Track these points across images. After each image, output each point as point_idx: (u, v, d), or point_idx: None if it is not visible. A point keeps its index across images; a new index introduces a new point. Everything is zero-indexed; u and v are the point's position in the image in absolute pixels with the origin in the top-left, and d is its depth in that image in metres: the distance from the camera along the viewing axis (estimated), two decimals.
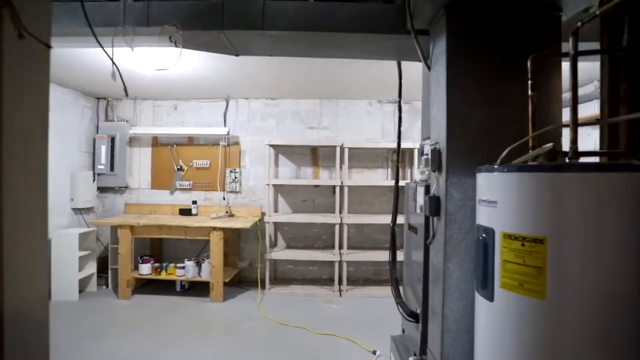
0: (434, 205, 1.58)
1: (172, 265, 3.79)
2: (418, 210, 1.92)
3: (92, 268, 3.94)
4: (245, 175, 4.28)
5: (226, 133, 4.04)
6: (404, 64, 2.21)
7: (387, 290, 4.04)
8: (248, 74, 3.45)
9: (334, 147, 3.87)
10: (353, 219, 3.84)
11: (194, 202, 4.14)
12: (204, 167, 4.26)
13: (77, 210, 4.07)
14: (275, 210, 4.26)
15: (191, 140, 4.30)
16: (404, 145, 3.94)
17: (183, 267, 3.74)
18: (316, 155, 4.27)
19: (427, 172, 1.90)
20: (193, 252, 4.31)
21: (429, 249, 1.70)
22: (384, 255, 3.91)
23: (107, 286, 4.03)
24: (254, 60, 3.10)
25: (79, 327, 3.04)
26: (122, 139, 4.26)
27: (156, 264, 3.79)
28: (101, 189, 4.38)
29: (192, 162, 4.27)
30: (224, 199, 4.25)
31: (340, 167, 3.93)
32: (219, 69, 3.24)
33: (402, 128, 2.34)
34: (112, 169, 4.26)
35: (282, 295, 3.87)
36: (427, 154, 1.63)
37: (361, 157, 4.25)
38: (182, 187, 4.27)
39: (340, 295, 3.85)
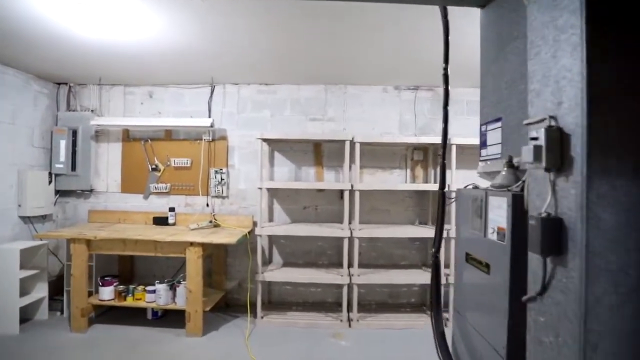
0: (552, 234, 0.83)
1: (140, 288, 3.04)
2: (490, 235, 1.18)
3: (42, 291, 3.19)
4: (234, 176, 3.54)
5: (209, 125, 3.30)
6: (420, 35, 1.48)
7: (408, 320, 3.27)
8: (237, 52, 2.72)
9: (342, 142, 3.12)
10: (366, 231, 3.09)
11: (172, 210, 3.40)
12: (184, 167, 3.51)
13: (27, 219, 3.32)
14: (270, 220, 3.51)
15: (169, 134, 3.56)
16: (427, 140, 3.22)
17: (154, 291, 2.99)
18: (320, 153, 3.53)
19: (504, 172, 1.16)
20: (172, 269, 3.56)
21: (530, 310, 0.95)
22: (402, 276, 3.17)
23: (62, 313, 3.28)
24: (244, 34, 2.39)
25: None
26: (86, 132, 3.52)
27: (121, 287, 3.04)
28: (61, 193, 3.64)
29: (169, 161, 3.52)
30: (207, 205, 3.50)
31: (350, 167, 3.18)
32: (202, 44, 2.51)
33: (423, 120, 1.62)
34: (73, 168, 3.52)
35: (277, 326, 3.11)
36: (536, 139, 0.87)
37: (374, 155, 3.50)
38: (158, 191, 3.53)
39: (350, 325, 3.10)
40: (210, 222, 3.29)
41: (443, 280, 3.04)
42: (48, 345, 2.71)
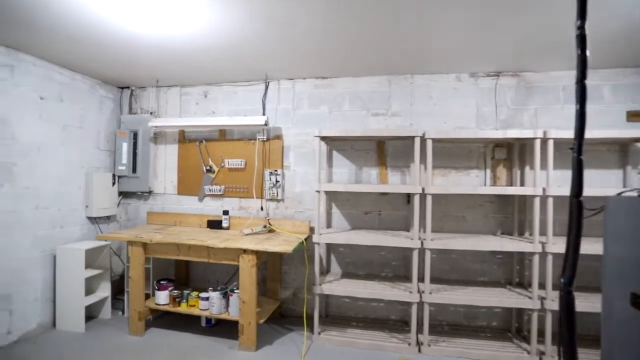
0: None
1: (194, 294, 2.92)
2: None
3: (105, 290, 3.23)
4: (290, 178, 3.30)
5: (264, 123, 3.09)
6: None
7: (491, 349, 2.59)
8: (293, 44, 2.48)
9: (411, 138, 2.72)
10: (439, 242, 2.65)
11: (226, 213, 3.26)
12: (238, 168, 3.36)
13: (93, 219, 3.41)
14: (328, 226, 3.21)
15: (223, 134, 3.44)
16: (513, 134, 2.68)
17: (207, 299, 2.85)
18: (383, 152, 3.15)
19: None
20: (226, 274, 3.43)
21: None
22: (483, 296, 2.67)
23: (124, 312, 3.30)
24: (301, 23, 2.13)
25: None
26: (146, 134, 3.54)
27: (175, 292, 2.95)
28: (124, 194, 3.71)
29: (223, 162, 3.39)
30: (262, 208, 3.31)
31: (421, 167, 2.77)
32: (257, 36, 2.30)
33: (505, 112, 1.21)
34: (134, 170, 3.55)
35: (336, 344, 2.79)
36: None
37: (447, 153, 3.04)
38: (212, 193, 3.42)
39: (420, 350, 2.67)
40: (265, 226, 3.09)
41: (536, 304, 2.50)
42: (107, 347, 2.69)
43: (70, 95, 3.14)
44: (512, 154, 2.95)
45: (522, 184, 2.91)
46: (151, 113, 3.60)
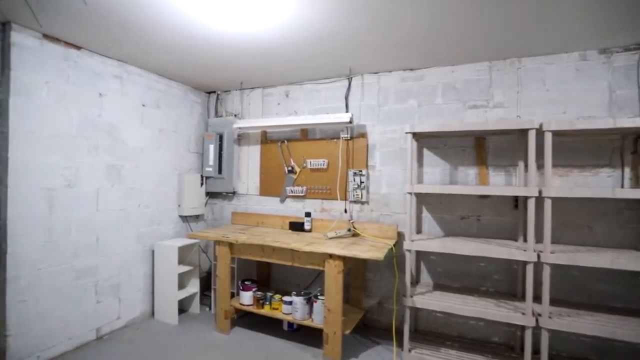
0: None
1: (277, 297, 2.87)
2: None
3: (195, 286, 3.37)
4: (375, 179, 3.08)
5: (348, 121, 2.93)
6: None
7: None
8: (379, 36, 2.28)
9: (522, 132, 2.30)
10: (562, 256, 2.18)
11: (308, 215, 3.16)
12: (320, 169, 3.25)
13: (184, 218, 3.60)
14: (418, 231, 2.91)
15: (305, 134, 3.36)
16: None
17: (290, 303, 2.77)
18: (483, 149, 2.75)
19: None
20: (307, 277, 3.34)
21: None
22: (623, 327, 2.12)
23: (210, 309, 3.40)
24: (387, 9, 1.92)
25: None
26: (230, 136, 3.64)
27: (259, 294, 2.93)
28: (210, 195, 3.86)
29: (305, 162, 3.31)
30: (345, 211, 3.14)
31: (540, 165, 2.33)
32: (344, 26, 2.14)
33: None
34: (220, 171, 3.68)
35: None
36: None
37: (566, 149, 2.54)
38: (294, 194, 3.36)
39: None
40: (349, 230, 2.91)
41: None
42: (198, 342, 2.76)
43: (166, 102, 3.35)
44: None
45: None
46: (235, 115, 3.69)
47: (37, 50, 2.35)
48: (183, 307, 3.37)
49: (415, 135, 2.65)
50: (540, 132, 2.23)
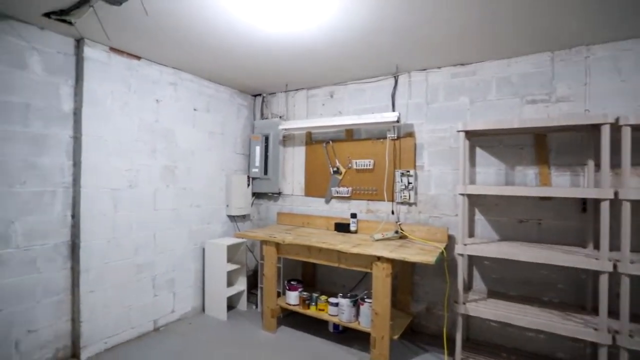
0: None
1: (323, 298, 2.87)
2: None
3: (242, 284, 3.48)
4: (423, 179, 2.97)
5: (395, 120, 2.85)
6: None
7: None
8: (427, 26, 2.18)
9: (592, 127, 2.08)
10: None
11: (353, 216, 3.13)
12: (365, 169, 3.20)
13: (232, 218, 3.73)
14: (471, 234, 2.76)
15: (350, 134, 3.33)
16: None
17: (336, 304, 2.75)
18: (544, 147, 2.54)
19: None
20: (352, 278, 3.31)
21: None
22: None
23: (257, 307, 3.49)
24: (435, 4, 1.83)
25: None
26: (276, 137, 3.70)
27: (305, 294, 2.94)
28: (256, 195, 3.96)
29: (350, 163, 3.28)
30: (392, 212, 3.06)
31: (615, 164, 2.11)
32: (392, 21, 2.08)
33: None
34: (265, 172, 3.76)
35: None
36: None
37: None
38: (339, 195, 3.35)
39: None
40: (396, 232, 2.83)
41: None
42: (246, 339, 2.83)
43: (214, 106, 3.49)
44: None
45: None
46: (280, 117, 3.75)
47: (104, 63, 2.55)
48: (231, 304, 3.49)
49: (468, 133, 2.51)
50: (615, 127, 2.01)
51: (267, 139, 3.73)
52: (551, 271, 2.51)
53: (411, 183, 2.94)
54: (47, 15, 2.08)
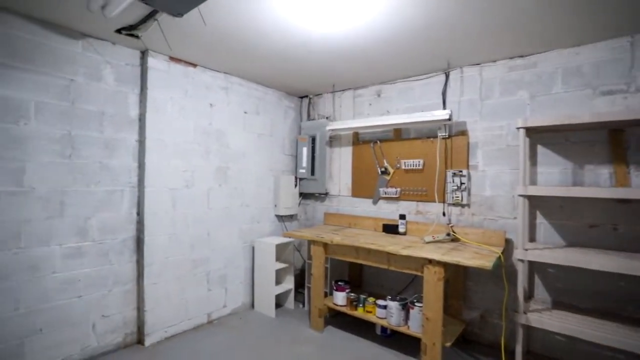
0: None
1: (371, 300, 2.83)
2: None
3: (289, 283, 3.54)
4: (477, 180, 2.82)
5: (447, 118, 2.73)
6: None
7: None
8: (481, 20, 2.06)
9: None
10: None
11: (402, 217, 3.05)
12: (415, 169, 3.11)
13: (280, 218, 3.82)
14: (532, 239, 2.56)
15: (398, 134, 3.25)
16: None
17: (385, 307, 2.70)
18: (620, 143, 2.28)
19: None
20: (400, 281, 3.23)
21: None
22: None
23: (304, 305, 3.53)
24: None
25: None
26: (322, 138, 3.73)
27: (352, 295, 2.93)
28: (303, 195, 4.02)
29: (399, 163, 3.21)
30: (443, 214, 2.94)
31: None
32: (448, 14, 1.99)
33: None
34: (312, 172, 3.80)
35: None
36: None
37: None
38: (387, 196, 3.28)
39: None
40: (448, 234, 2.71)
41: None
42: (294, 337, 2.88)
43: (263, 108, 3.61)
44: None
45: None
46: (327, 118, 3.78)
47: (165, 71, 2.74)
48: (279, 302, 3.57)
49: (529, 130, 2.34)
50: None
51: (313, 139, 3.77)
52: (630, 282, 2.24)
53: (464, 184, 2.79)
54: (119, 31, 2.29)
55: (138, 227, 2.68)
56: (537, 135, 2.55)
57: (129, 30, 2.26)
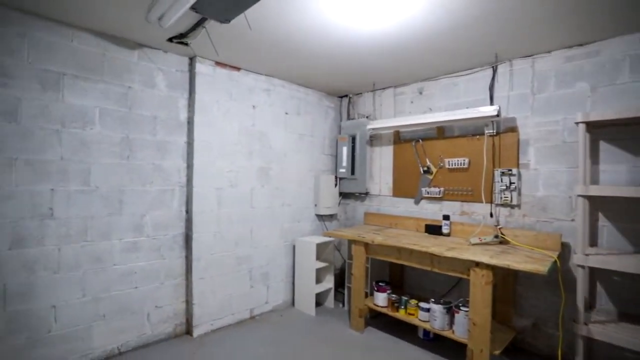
0: None
1: (413, 302, 2.76)
2: None
3: (329, 282, 3.56)
4: (529, 179, 2.64)
5: (495, 114, 2.59)
6: None
7: None
8: (533, 6, 1.92)
9: None
10: None
11: (446, 218, 2.95)
12: (459, 168, 2.98)
13: (320, 217, 3.84)
14: (593, 244, 2.36)
15: (441, 132, 3.14)
16: None
17: (428, 310, 2.62)
18: None
19: None
20: (442, 284, 3.12)
21: None
22: None
23: (344, 305, 3.53)
24: None
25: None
26: (363, 137, 3.70)
27: (394, 297, 2.87)
28: (343, 195, 4.02)
29: (442, 162, 3.10)
30: (491, 215, 2.80)
31: None
32: (497, 4, 1.90)
33: None
34: (352, 172, 3.79)
35: None
36: None
37: None
38: (429, 196, 3.19)
39: None
40: (496, 236, 2.57)
41: None
42: (334, 336, 2.89)
43: (304, 109, 3.65)
44: None
45: None
46: (367, 117, 3.74)
47: (211, 76, 2.88)
48: (319, 301, 3.60)
49: (589, 125, 2.15)
50: None
51: (353, 139, 3.76)
52: None
53: (513, 183, 2.63)
54: (170, 40, 2.44)
55: (187, 224, 2.84)
56: (598, 130, 2.34)
57: (180, 39, 2.40)
